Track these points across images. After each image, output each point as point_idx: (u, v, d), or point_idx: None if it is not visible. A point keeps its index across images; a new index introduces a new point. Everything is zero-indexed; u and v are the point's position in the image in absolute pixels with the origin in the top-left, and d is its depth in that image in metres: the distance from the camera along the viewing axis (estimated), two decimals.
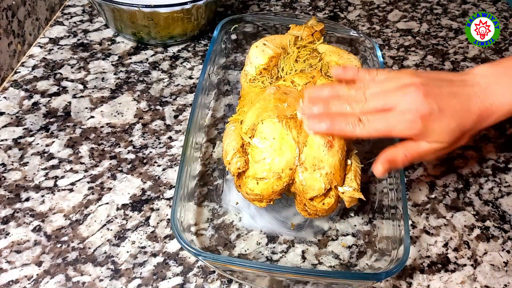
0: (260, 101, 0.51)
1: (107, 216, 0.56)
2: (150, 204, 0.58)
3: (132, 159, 0.63)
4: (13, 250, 0.52)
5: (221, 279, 0.51)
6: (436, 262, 0.55)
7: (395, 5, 0.97)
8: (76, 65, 0.76)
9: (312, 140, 0.48)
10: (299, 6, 0.94)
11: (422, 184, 0.63)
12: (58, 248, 0.53)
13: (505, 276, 0.54)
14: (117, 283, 0.50)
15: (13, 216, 0.55)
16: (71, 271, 0.51)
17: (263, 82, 0.58)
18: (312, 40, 0.64)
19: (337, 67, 0.51)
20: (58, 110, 0.68)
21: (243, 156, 0.48)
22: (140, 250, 0.53)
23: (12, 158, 0.61)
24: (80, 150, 0.63)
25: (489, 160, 0.67)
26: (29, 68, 0.74)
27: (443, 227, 0.58)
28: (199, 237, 0.55)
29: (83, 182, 0.59)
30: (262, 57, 0.59)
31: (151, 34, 0.77)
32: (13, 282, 0.49)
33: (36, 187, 0.58)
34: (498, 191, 0.63)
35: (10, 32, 0.71)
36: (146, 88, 0.73)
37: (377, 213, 0.58)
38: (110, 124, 0.67)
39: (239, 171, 0.48)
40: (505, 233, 0.58)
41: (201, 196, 0.59)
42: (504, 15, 0.97)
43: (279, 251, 0.54)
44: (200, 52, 0.80)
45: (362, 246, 0.55)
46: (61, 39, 0.80)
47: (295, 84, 0.54)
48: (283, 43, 0.62)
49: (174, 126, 0.67)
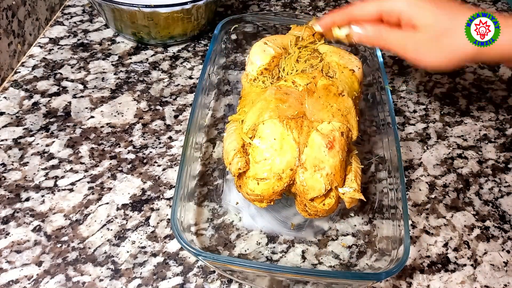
0: (261, 101, 0.51)
1: (107, 216, 0.56)
2: (150, 204, 0.58)
3: (132, 159, 0.63)
4: (13, 250, 0.52)
5: (221, 279, 0.51)
6: (436, 262, 0.55)
7: None
8: (76, 65, 0.76)
9: (313, 141, 0.48)
10: (299, 6, 0.94)
11: (422, 184, 0.63)
12: (58, 248, 0.53)
13: (505, 276, 0.54)
14: (117, 283, 0.50)
15: (13, 216, 0.55)
16: (71, 271, 0.51)
17: (264, 82, 0.58)
18: (313, 41, 0.64)
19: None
20: (58, 110, 0.68)
21: (243, 157, 0.48)
22: (140, 250, 0.53)
23: (12, 158, 0.61)
24: (80, 150, 0.63)
25: (489, 160, 0.67)
26: (29, 68, 0.74)
27: (443, 227, 0.58)
28: (199, 237, 0.55)
29: (83, 182, 0.59)
30: (263, 57, 0.59)
31: (151, 34, 0.77)
32: (13, 282, 0.49)
33: (36, 187, 0.58)
34: (498, 191, 0.63)
35: (10, 32, 0.71)
36: (146, 88, 0.73)
37: (377, 213, 0.58)
38: (110, 124, 0.67)
39: (239, 171, 0.48)
40: (505, 233, 0.58)
41: (201, 196, 0.59)
42: (504, 15, 0.96)
43: (279, 251, 0.54)
44: (200, 52, 0.80)
45: (362, 246, 0.55)
46: (61, 39, 0.80)
47: (296, 84, 0.54)
48: (284, 43, 0.62)
49: (174, 126, 0.67)
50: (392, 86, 0.77)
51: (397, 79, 0.79)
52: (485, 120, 0.73)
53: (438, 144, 0.68)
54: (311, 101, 0.51)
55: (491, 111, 0.74)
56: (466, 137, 0.70)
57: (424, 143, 0.68)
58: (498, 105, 0.75)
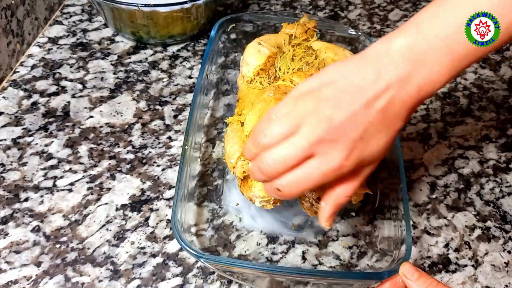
0: (260, 103, 0.51)
1: (106, 217, 0.56)
2: (149, 204, 0.58)
3: (132, 159, 0.62)
4: (12, 251, 0.52)
5: (220, 280, 0.51)
6: (437, 262, 0.55)
7: (395, 4, 0.97)
8: (75, 64, 0.75)
9: None
10: (299, 5, 0.94)
11: (423, 184, 0.63)
12: (57, 248, 0.52)
13: (506, 276, 0.54)
14: (117, 283, 0.50)
15: (12, 216, 0.55)
16: (70, 271, 0.51)
17: (261, 83, 0.57)
18: (306, 38, 0.64)
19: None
20: (57, 110, 0.68)
21: (247, 160, 0.48)
22: (140, 251, 0.53)
23: (11, 158, 0.61)
24: (79, 150, 0.63)
25: (490, 160, 0.67)
26: (28, 68, 0.74)
27: (444, 228, 0.58)
28: (199, 237, 0.55)
29: (82, 182, 0.59)
30: (258, 58, 0.58)
31: (151, 34, 0.77)
32: (12, 282, 0.49)
33: (35, 187, 0.58)
34: (499, 191, 0.63)
35: (9, 31, 0.71)
36: (146, 88, 0.73)
37: (378, 213, 0.57)
38: (109, 124, 0.67)
39: (244, 174, 0.48)
40: (506, 233, 0.58)
41: (200, 196, 0.59)
42: None
43: (279, 251, 0.54)
44: (199, 51, 0.80)
45: (363, 246, 0.55)
46: (60, 38, 0.80)
47: (294, 83, 0.54)
48: (278, 42, 0.61)
49: (173, 126, 0.67)
50: None
51: None
52: (486, 120, 0.72)
53: (439, 144, 0.68)
54: None
55: (492, 111, 0.74)
56: (467, 137, 0.69)
57: (425, 143, 0.68)
58: (499, 105, 0.75)
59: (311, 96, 0.38)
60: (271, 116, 0.39)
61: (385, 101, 0.38)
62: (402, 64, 0.38)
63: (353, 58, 0.40)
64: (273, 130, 0.38)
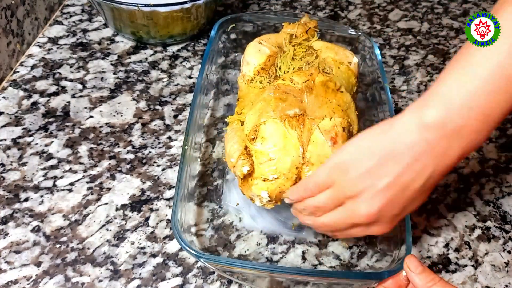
0: (260, 102, 0.51)
1: (106, 217, 0.56)
2: (149, 204, 0.58)
3: (132, 159, 0.62)
4: (12, 251, 0.52)
5: (220, 280, 0.51)
6: (437, 262, 0.55)
7: (395, 4, 0.97)
8: (75, 64, 0.75)
9: (316, 138, 0.48)
10: (299, 5, 0.94)
11: None
12: (57, 248, 0.52)
13: (506, 276, 0.54)
14: (117, 283, 0.50)
15: (12, 216, 0.55)
16: (70, 271, 0.51)
17: (261, 82, 0.57)
18: (306, 38, 0.64)
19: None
20: (57, 110, 0.68)
21: (247, 159, 0.48)
22: (140, 251, 0.53)
23: (11, 158, 0.61)
24: (79, 150, 0.63)
25: (490, 160, 0.67)
26: (28, 68, 0.74)
27: (444, 228, 0.58)
28: (199, 237, 0.55)
29: (82, 182, 0.59)
30: (259, 57, 0.58)
31: (151, 34, 0.77)
32: (12, 282, 0.49)
33: (35, 187, 0.58)
34: (499, 191, 0.63)
35: (9, 31, 0.71)
36: (146, 88, 0.73)
37: None
38: (109, 124, 0.67)
39: (245, 173, 0.48)
40: (506, 233, 0.58)
41: (200, 196, 0.59)
42: None
43: (279, 251, 0.54)
44: (199, 51, 0.80)
45: (363, 246, 0.55)
46: (60, 38, 0.80)
47: (294, 82, 0.54)
48: (279, 41, 0.61)
49: (173, 126, 0.67)
50: (392, 85, 0.77)
51: (398, 79, 0.79)
52: None
53: None
54: (311, 98, 0.51)
55: None
56: None
57: None
58: None
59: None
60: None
61: (423, 180, 0.40)
62: (437, 140, 0.38)
63: (380, 135, 0.40)
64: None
